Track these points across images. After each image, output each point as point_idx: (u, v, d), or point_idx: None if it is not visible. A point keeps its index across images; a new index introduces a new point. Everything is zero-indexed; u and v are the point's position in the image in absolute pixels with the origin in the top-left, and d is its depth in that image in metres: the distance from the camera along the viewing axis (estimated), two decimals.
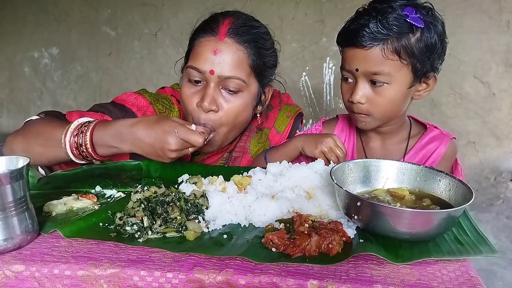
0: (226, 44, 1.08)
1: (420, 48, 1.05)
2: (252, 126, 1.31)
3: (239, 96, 1.11)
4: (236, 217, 0.87)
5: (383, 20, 1.03)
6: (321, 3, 3.11)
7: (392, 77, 1.07)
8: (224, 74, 1.08)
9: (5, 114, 3.89)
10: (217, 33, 1.09)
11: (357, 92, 1.10)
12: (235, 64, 1.08)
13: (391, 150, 1.25)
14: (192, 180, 1.00)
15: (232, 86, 1.09)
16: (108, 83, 3.61)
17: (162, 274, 0.67)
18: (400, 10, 1.04)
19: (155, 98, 1.25)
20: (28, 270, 0.69)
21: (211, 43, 1.08)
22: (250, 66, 1.10)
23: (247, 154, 1.29)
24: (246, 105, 1.13)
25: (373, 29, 1.03)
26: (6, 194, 0.72)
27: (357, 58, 1.08)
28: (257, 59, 1.11)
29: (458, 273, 0.68)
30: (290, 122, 1.33)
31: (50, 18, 3.60)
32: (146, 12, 3.39)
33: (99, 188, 1.05)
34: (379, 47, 1.04)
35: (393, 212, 0.75)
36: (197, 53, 1.10)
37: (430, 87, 1.15)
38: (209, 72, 1.07)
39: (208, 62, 1.07)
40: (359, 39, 1.05)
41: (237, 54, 1.08)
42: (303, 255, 0.73)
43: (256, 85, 1.15)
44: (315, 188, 0.95)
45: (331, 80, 3.21)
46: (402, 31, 1.03)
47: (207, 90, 1.08)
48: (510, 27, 2.87)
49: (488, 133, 3.06)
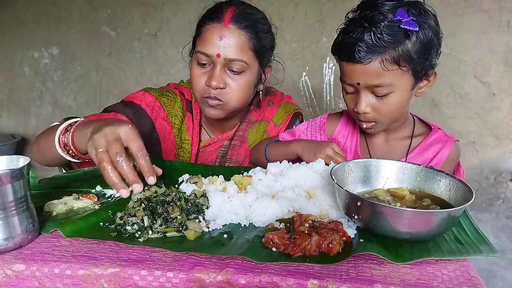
0: (230, 30, 1.19)
1: (418, 50, 1.03)
2: (251, 117, 1.41)
3: (242, 75, 1.23)
4: (236, 217, 0.87)
5: (377, 31, 1.00)
6: (321, 3, 3.11)
7: (394, 85, 1.06)
8: (229, 57, 1.19)
9: (5, 114, 3.88)
10: (222, 20, 1.20)
11: (361, 103, 1.10)
12: (239, 48, 1.19)
13: (394, 146, 1.25)
14: (193, 179, 1.00)
15: (236, 68, 1.21)
16: (108, 83, 3.61)
17: (163, 274, 0.68)
18: (391, 15, 1.01)
19: (160, 92, 1.36)
20: (29, 269, 0.70)
21: (217, 29, 1.19)
22: (251, 49, 1.22)
23: (245, 143, 1.39)
24: (248, 83, 1.25)
25: (368, 43, 1.01)
26: (6, 193, 0.72)
27: (357, 73, 1.07)
28: (257, 42, 1.23)
29: (458, 273, 0.69)
30: (288, 117, 1.41)
31: (50, 18, 3.59)
32: (146, 12, 3.39)
33: (100, 187, 1.05)
34: (377, 60, 1.02)
35: (393, 212, 0.75)
36: (205, 39, 1.21)
37: (431, 83, 1.14)
38: (216, 55, 1.19)
39: (215, 47, 1.19)
40: (356, 54, 1.03)
41: (240, 38, 1.20)
42: (303, 254, 0.73)
43: (257, 65, 1.26)
44: (316, 188, 0.95)
45: (331, 80, 3.21)
46: (398, 40, 1.01)
47: (215, 71, 1.20)
48: (510, 27, 2.87)
49: (488, 133, 3.06)
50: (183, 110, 1.38)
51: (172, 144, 1.36)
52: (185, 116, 1.38)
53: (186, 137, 1.37)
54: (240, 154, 1.39)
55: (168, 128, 1.35)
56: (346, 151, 1.30)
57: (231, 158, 1.39)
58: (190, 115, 1.38)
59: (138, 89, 1.37)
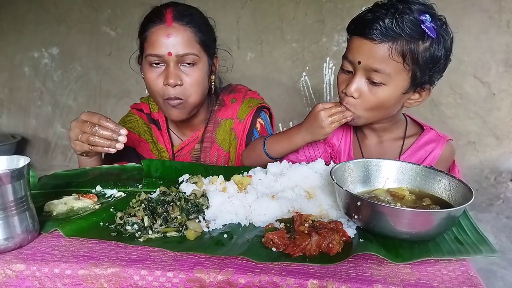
0: (174, 28, 1.24)
1: (426, 58, 1.04)
2: (217, 117, 1.45)
3: (196, 68, 1.28)
4: (236, 217, 0.87)
5: (399, 19, 1.02)
6: (321, 3, 3.11)
7: (391, 78, 1.06)
8: (180, 53, 1.24)
9: (5, 114, 3.88)
10: (165, 20, 1.25)
11: (352, 84, 1.08)
12: (186, 43, 1.24)
13: (387, 148, 1.25)
14: (193, 179, 1.00)
15: (188, 61, 1.26)
16: (108, 83, 3.60)
17: (163, 273, 0.68)
18: (417, 14, 1.03)
19: (123, 122, 1.47)
20: (29, 269, 0.70)
21: (162, 29, 1.24)
22: (198, 42, 1.27)
23: (215, 144, 1.43)
24: (203, 75, 1.30)
25: (387, 25, 1.02)
26: (7, 193, 0.72)
27: (363, 50, 1.07)
28: (202, 35, 1.28)
29: (458, 273, 0.69)
30: (251, 112, 1.44)
31: (50, 18, 3.59)
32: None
33: (100, 187, 1.05)
34: (387, 44, 1.03)
35: (393, 212, 0.75)
36: (153, 41, 1.25)
37: (422, 98, 1.14)
38: (168, 54, 1.23)
39: (164, 46, 1.23)
40: (371, 30, 1.03)
41: (185, 34, 1.25)
42: (303, 254, 0.73)
43: (206, 57, 1.31)
44: (315, 188, 0.95)
45: (331, 80, 3.20)
46: (413, 35, 1.02)
47: (169, 69, 1.24)
48: (510, 27, 2.87)
49: (488, 133, 3.05)
50: (147, 124, 1.45)
51: (155, 157, 1.42)
52: (151, 129, 1.45)
53: (160, 146, 1.43)
54: (213, 155, 1.42)
55: (146, 145, 1.42)
56: (340, 153, 1.30)
57: (205, 160, 1.42)
58: (155, 125, 1.45)
59: (138, 89, 1.41)
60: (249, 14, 1.96)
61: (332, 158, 1.29)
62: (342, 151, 1.30)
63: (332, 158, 1.29)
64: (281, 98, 3.27)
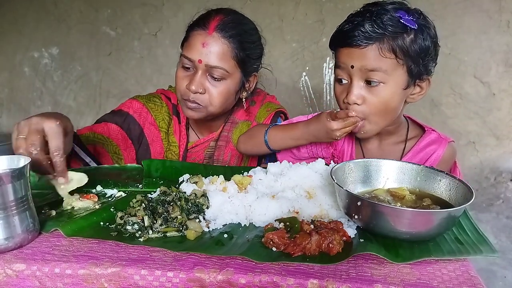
0: (213, 38, 1.24)
1: (415, 50, 1.05)
2: (235, 118, 1.45)
3: (223, 82, 1.28)
4: (236, 217, 0.87)
5: (377, 20, 1.03)
6: (321, 3, 3.11)
7: (389, 76, 1.05)
8: (210, 64, 1.24)
9: (5, 114, 3.88)
10: (207, 27, 1.25)
11: (352, 91, 1.07)
12: (220, 56, 1.24)
13: (388, 151, 1.25)
14: (193, 179, 1.00)
15: (216, 74, 1.26)
16: (108, 83, 3.60)
17: (163, 273, 0.68)
18: (393, 12, 1.05)
19: (147, 99, 1.44)
20: (29, 269, 0.70)
21: (201, 36, 1.24)
22: (233, 58, 1.27)
23: (230, 143, 1.42)
24: (228, 90, 1.30)
25: (368, 29, 1.03)
26: (7, 193, 0.72)
27: (353, 56, 1.07)
28: (240, 52, 1.27)
29: (458, 273, 0.69)
30: (270, 116, 1.45)
31: (50, 18, 3.59)
32: (146, 12, 3.39)
33: (100, 187, 1.05)
34: (375, 45, 1.04)
35: (393, 212, 0.75)
36: (190, 44, 1.26)
37: (424, 91, 1.14)
38: (198, 61, 1.24)
39: (198, 53, 1.24)
40: (354, 38, 1.04)
41: (222, 47, 1.24)
42: (303, 254, 0.73)
43: (240, 74, 1.31)
44: (316, 188, 0.95)
45: (331, 80, 3.20)
46: (396, 31, 1.03)
47: (196, 76, 1.25)
48: (510, 27, 2.87)
49: (488, 133, 3.05)
50: (169, 114, 1.44)
51: (160, 147, 1.41)
52: (171, 119, 1.44)
53: (173, 140, 1.42)
54: (227, 154, 1.42)
55: (155, 132, 1.41)
56: (343, 154, 1.30)
57: (218, 159, 1.42)
58: (177, 118, 1.44)
59: (138, 89, 1.41)
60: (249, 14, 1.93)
61: (334, 157, 1.29)
62: (345, 152, 1.30)
63: (334, 158, 1.29)
64: (281, 98, 3.26)
